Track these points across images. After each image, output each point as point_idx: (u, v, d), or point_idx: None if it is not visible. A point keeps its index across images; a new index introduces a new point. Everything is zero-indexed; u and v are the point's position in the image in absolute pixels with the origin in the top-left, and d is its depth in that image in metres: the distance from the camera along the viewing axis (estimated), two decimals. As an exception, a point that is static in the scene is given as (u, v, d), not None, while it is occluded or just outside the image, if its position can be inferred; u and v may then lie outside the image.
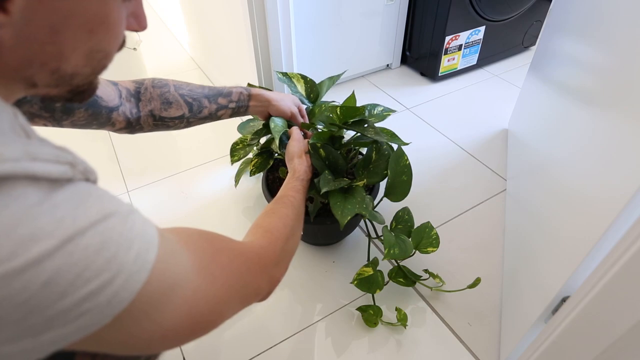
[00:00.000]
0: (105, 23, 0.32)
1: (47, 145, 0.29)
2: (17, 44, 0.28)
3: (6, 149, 0.26)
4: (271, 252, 0.52)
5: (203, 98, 0.78)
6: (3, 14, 0.26)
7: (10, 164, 0.25)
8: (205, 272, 0.38)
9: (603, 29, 0.77)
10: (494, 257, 1.03)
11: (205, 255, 0.40)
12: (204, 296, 0.37)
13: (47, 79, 0.31)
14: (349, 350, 0.85)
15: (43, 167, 0.27)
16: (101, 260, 0.27)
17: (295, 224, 0.62)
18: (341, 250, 1.05)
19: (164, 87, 0.74)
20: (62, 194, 0.28)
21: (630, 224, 0.44)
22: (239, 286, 0.43)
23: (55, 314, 0.26)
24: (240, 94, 0.82)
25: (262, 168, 0.96)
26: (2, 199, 0.25)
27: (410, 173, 0.85)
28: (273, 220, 0.59)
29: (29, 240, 0.25)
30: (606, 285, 0.48)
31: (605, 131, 0.63)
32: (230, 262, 0.43)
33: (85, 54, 0.32)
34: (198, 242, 0.41)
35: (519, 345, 0.72)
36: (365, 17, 1.57)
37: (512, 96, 1.48)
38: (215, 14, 1.48)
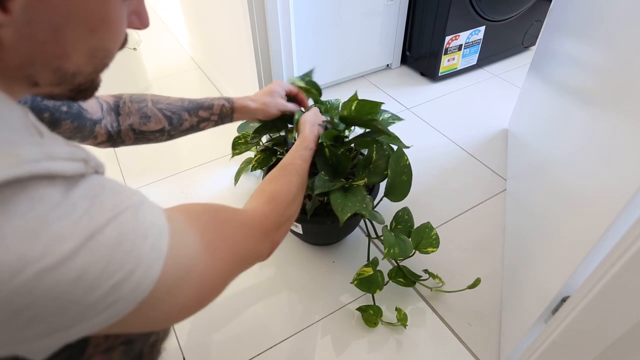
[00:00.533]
0: (106, 21, 0.32)
1: (61, 143, 0.30)
2: (18, 43, 0.28)
3: (24, 150, 0.26)
4: (273, 219, 0.54)
5: (183, 111, 0.77)
6: (4, 13, 0.26)
7: (31, 165, 0.26)
8: (211, 248, 0.40)
9: (603, 29, 0.77)
10: (494, 257, 1.03)
11: (210, 231, 0.41)
12: (211, 271, 0.39)
13: (49, 78, 0.32)
14: (348, 350, 0.85)
15: (61, 165, 0.28)
16: (121, 253, 0.29)
17: (298, 191, 0.64)
18: (341, 250, 1.05)
19: (141, 102, 0.73)
20: (77, 192, 0.28)
21: (630, 224, 0.44)
22: (242, 254, 0.46)
23: (85, 308, 0.27)
24: (222, 106, 0.80)
25: (264, 164, 0.96)
26: (26, 201, 0.25)
27: (410, 173, 0.85)
28: (277, 187, 0.60)
29: (55, 240, 0.26)
30: (606, 285, 0.48)
31: (605, 131, 0.63)
32: (233, 233, 0.44)
33: (87, 53, 0.32)
34: (202, 217, 0.42)
35: (519, 345, 0.72)
36: (365, 17, 1.57)
37: (512, 96, 1.48)
38: (215, 14, 1.48)
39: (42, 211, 0.26)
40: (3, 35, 0.27)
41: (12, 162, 0.25)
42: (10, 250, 0.24)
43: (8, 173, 0.25)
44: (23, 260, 0.25)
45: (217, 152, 1.38)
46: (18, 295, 0.25)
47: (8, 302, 0.24)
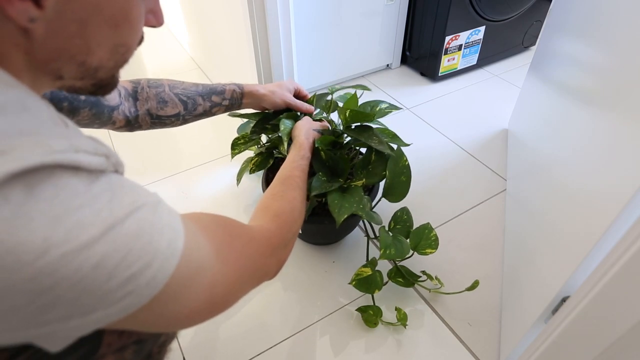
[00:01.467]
0: (128, 18, 0.34)
1: (84, 137, 0.31)
2: (48, 38, 0.30)
3: (54, 141, 0.27)
4: (280, 236, 0.55)
5: (197, 96, 0.80)
6: (38, 9, 0.28)
7: (59, 155, 0.27)
8: (222, 258, 0.40)
9: (603, 29, 0.77)
10: (494, 257, 1.02)
11: (221, 242, 0.42)
12: (222, 279, 0.40)
13: (73, 72, 0.33)
14: (348, 350, 0.85)
15: (85, 158, 0.29)
16: (139, 245, 0.30)
17: (301, 207, 0.64)
18: (341, 250, 1.05)
19: (159, 87, 0.76)
20: (98, 185, 0.29)
21: (630, 224, 0.44)
22: (251, 269, 0.46)
23: (103, 295, 0.28)
24: (233, 91, 0.84)
25: (262, 167, 0.96)
26: (52, 187, 0.26)
27: (410, 174, 0.85)
28: (282, 205, 0.61)
29: (78, 226, 0.27)
30: (606, 285, 0.48)
31: (605, 131, 0.62)
32: (243, 248, 0.45)
33: (110, 48, 0.34)
34: (213, 228, 0.43)
35: (519, 345, 0.72)
36: (365, 17, 1.57)
37: (512, 96, 1.48)
38: (215, 14, 1.48)
39: (65, 198, 0.27)
40: (36, 30, 0.29)
41: (43, 150, 0.26)
42: (36, 232, 0.25)
43: (38, 160, 0.26)
44: (48, 242, 0.25)
45: (217, 152, 1.38)
46: (42, 275, 0.25)
47: (31, 281, 0.25)
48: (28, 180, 0.25)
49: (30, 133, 0.27)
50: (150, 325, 0.34)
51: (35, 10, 0.28)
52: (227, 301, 0.42)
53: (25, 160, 0.25)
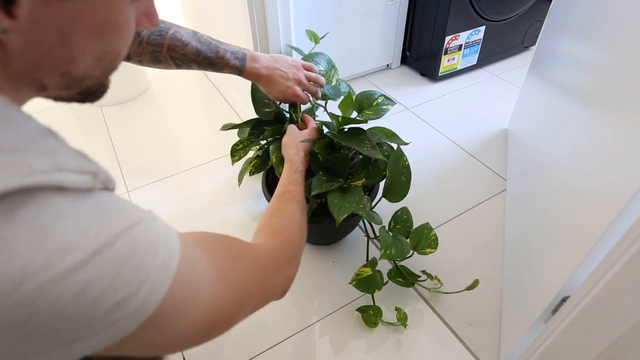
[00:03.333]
0: (114, 24, 0.32)
1: (71, 154, 0.30)
2: (25, 48, 0.28)
3: (36, 159, 0.26)
4: (284, 252, 0.53)
5: (193, 63, 0.77)
6: (10, 19, 0.26)
7: (40, 175, 0.25)
8: (223, 281, 0.38)
9: (603, 29, 0.77)
10: (494, 257, 1.02)
11: (224, 264, 0.40)
12: (221, 304, 0.38)
13: (57, 82, 0.31)
14: (348, 350, 0.85)
15: (69, 177, 0.27)
16: (129, 269, 0.28)
17: (301, 219, 0.63)
18: (341, 250, 1.05)
19: (157, 46, 0.72)
20: (85, 205, 0.28)
21: (630, 224, 0.44)
22: (255, 291, 0.44)
23: (86, 324, 0.26)
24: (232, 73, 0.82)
25: (261, 168, 0.96)
26: (33, 209, 0.25)
27: (410, 174, 0.85)
28: (281, 220, 0.60)
29: (60, 252, 0.25)
30: (606, 285, 0.48)
31: (606, 131, 0.62)
32: (246, 270, 0.43)
33: (96, 56, 0.32)
34: (216, 249, 0.41)
35: (519, 345, 0.72)
36: (365, 17, 1.57)
37: (512, 96, 1.48)
38: (215, 14, 1.48)
39: (48, 221, 0.25)
40: (10, 41, 0.27)
41: (22, 171, 0.25)
42: (14, 260, 0.24)
43: (16, 182, 0.24)
44: (26, 271, 0.24)
45: (217, 152, 1.38)
46: (19, 307, 0.24)
47: (8, 314, 0.24)
48: (7, 203, 0.24)
49: (10, 150, 0.25)
50: (141, 351, 0.32)
51: (7, 21, 0.26)
52: (227, 324, 0.40)
53: (3, 183, 0.24)
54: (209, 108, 1.64)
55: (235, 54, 0.80)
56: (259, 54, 0.83)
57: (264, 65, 0.82)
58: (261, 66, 0.82)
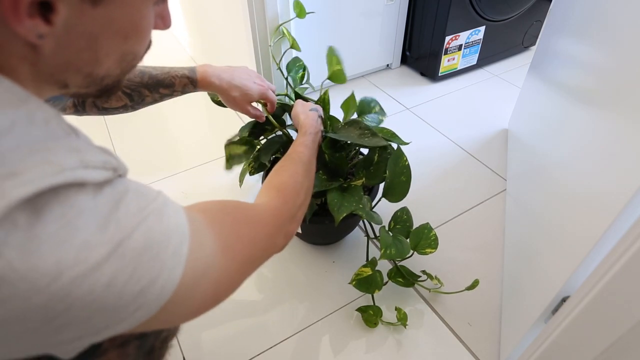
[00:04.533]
0: (137, 29, 0.34)
1: (95, 151, 0.31)
2: (56, 52, 0.30)
3: (64, 157, 0.27)
4: (285, 211, 0.54)
5: (142, 88, 0.73)
6: (47, 25, 0.27)
7: (69, 173, 0.27)
8: (229, 251, 0.40)
9: (603, 29, 0.77)
10: (494, 257, 1.02)
11: (228, 232, 0.42)
12: (228, 273, 0.40)
13: (79, 82, 0.33)
14: (348, 350, 0.85)
15: (92, 174, 0.29)
16: (147, 258, 0.30)
17: (304, 180, 0.63)
18: (341, 250, 1.05)
19: None
20: (104, 197, 0.29)
21: (630, 224, 0.44)
22: (258, 253, 0.46)
23: (115, 313, 0.28)
24: (185, 85, 0.76)
25: (261, 169, 0.96)
26: (59, 207, 0.26)
27: (410, 174, 0.85)
28: (284, 178, 0.60)
29: (86, 247, 0.27)
30: (606, 285, 0.48)
31: (606, 131, 0.62)
32: (249, 232, 0.45)
33: (118, 58, 0.34)
34: (220, 217, 0.42)
35: (519, 345, 0.72)
36: (365, 17, 1.57)
37: (512, 96, 1.48)
38: (215, 14, 1.48)
39: (73, 218, 0.27)
40: (44, 45, 0.29)
41: (53, 169, 0.26)
42: (47, 256, 0.25)
43: (49, 182, 0.25)
44: (59, 266, 0.25)
45: (217, 152, 1.38)
46: (55, 300, 0.25)
47: (45, 307, 0.25)
48: (35, 202, 0.25)
49: (39, 149, 0.27)
50: (157, 327, 0.34)
51: (44, 27, 0.27)
52: (232, 288, 0.42)
53: (36, 184, 0.25)
54: (209, 108, 1.64)
55: (183, 68, 0.76)
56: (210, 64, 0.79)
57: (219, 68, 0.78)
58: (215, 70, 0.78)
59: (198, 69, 0.76)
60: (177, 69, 0.75)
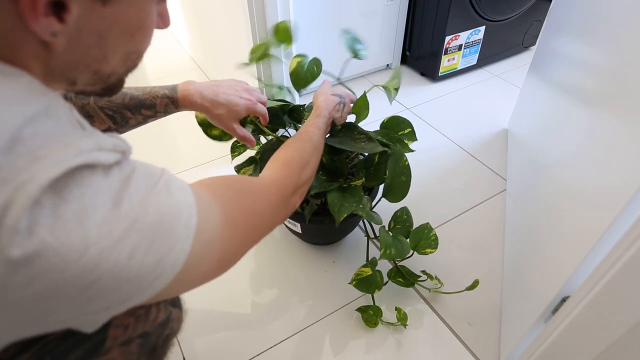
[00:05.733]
0: (143, 27, 0.36)
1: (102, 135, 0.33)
2: (67, 50, 0.31)
3: (81, 142, 0.29)
4: (289, 184, 0.56)
5: (124, 110, 0.70)
6: (60, 23, 0.29)
7: (86, 155, 0.29)
8: (232, 223, 0.42)
9: (603, 29, 0.77)
10: (494, 257, 1.02)
11: (231, 206, 0.43)
12: (231, 243, 0.42)
13: (87, 79, 0.35)
14: (348, 350, 0.85)
15: (106, 156, 0.31)
16: (162, 231, 0.32)
17: (311, 156, 0.64)
18: (341, 250, 1.05)
19: (84, 99, 0.67)
20: (114, 178, 0.31)
21: (631, 224, 0.44)
22: (260, 224, 0.48)
23: (138, 282, 0.31)
24: (166, 106, 0.72)
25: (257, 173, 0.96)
26: (77, 187, 0.28)
27: (409, 174, 0.85)
28: (289, 153, 0.61)
29: (107, 223, 0.29)
30: (606, 285, 0.48)
31: (606, 131, 0.62)
32: (252, 204, 0.47)
33: (123, 56, 0.36)
34: (225, 192, 0.44)
35: (519, 345, 0.72)
36: (365, 17, 1.57)
37: (512, 96, 1.48)
38: (215, 14, 1.48)
39: (91, 197, 0.29)
40: (57, 43, 0.30)
41: (73, 152, 0.28)
42: (73, 233, 0.27)
43: (71, 163, 0.28)
44: (86, 241, 0.28)
45: (217, 152, 1.38)
46: (87, 271, 0.28)
47: (79, 277, 0.28)
48: (56, 184, 0.27)
49: (57, 136, 0.29)
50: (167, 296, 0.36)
51: (58, 25, 0.29)
52: (235, 257, 0.44)
53: (61, 165, 0.27)
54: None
55: (165, 87, 0.73)
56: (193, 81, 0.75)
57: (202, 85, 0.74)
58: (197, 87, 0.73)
59: (180, 86, 0.72)
60: (158, 89, 0.71)
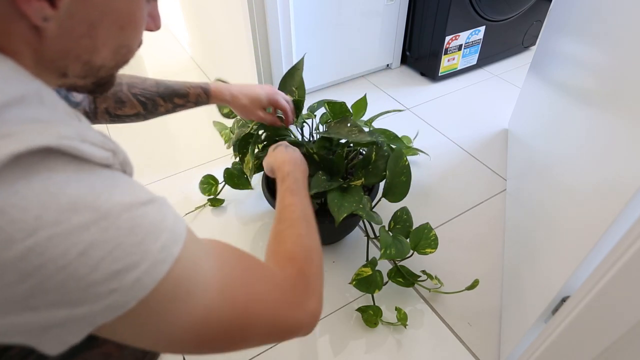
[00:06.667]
0: (133, 20, 0.35)
1: (94, 130, 0.32)
2: (58, 37, 0.31)
3: (64, 128, 0.29)
4: (304, 281, 0.47)
5: (157, 97, 0.76)
6: (52, 8, 0.29)
7: (65, 140, 0.28)
8: (228, 295, 0.36)
9: (603, 29, 0.77)
10: (494, 257, 1.02)
11: (234, 279, 0.38)
12: (218, 317, 0.35)
13: (77, 70, 0.35)
14: (348, 350, 0.85)
15: (90, 149, 0.30)
16: (130, 242, 0.29)
17: (310, 240, 0.55)
18: (341, 250, 1.05)
19: (116, 86, 0.72)
20: (100, 176, 0.30)
21: (631, 224, 0.44)
22: (268, 318, 0.40)
23: (88, 286, 0.28)
24: (198, 96, 0.79)
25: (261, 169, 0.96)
26: (46, 169, 0.27)
27: (409, 174, 0.85)
28: (287, 247, 0.52)
29: (71, 209, 0.27)
30: (606, 285, 0.48)
31: (605, 131, 0.62)
32: (261, 293, 0.40)
33: (113, 48, 0.35)
34: (232, 263, 0.39)
35: (519, 345, 0.72)
36: (365, 17, 1.57)
37: (512, 96, 1.48)
38: (215, 14, 1.48)
39: (61, 180, 0.27)
40: (47, 29, 0.30)
41: (51, 134, 0.27)
42: (28, 211, 0.26)
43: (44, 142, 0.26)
44: (38, 222, 0.26)
45: (217, 152, 1.38)
46: (31, 254, 0.26)
47: (21, 260, 0.26)
48: (25, 161, 0.26)
49: (42, 121, 0.28)
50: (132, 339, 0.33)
51: (50, 10, 0.29)
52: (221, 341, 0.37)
53: (28, 142, 0.26)
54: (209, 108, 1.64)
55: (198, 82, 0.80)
56: None
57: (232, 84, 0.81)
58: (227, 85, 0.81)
59: (211, 83, 0.80)
60: (192, 82, 0.79)
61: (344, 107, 0.91)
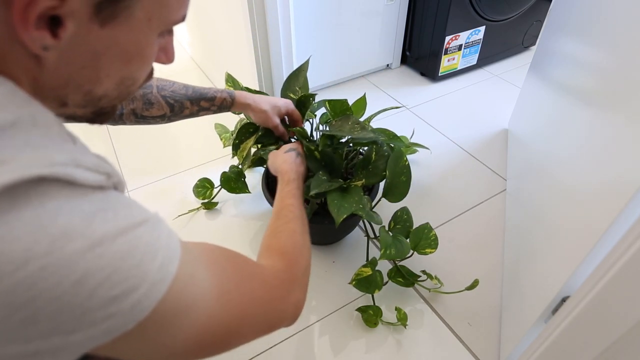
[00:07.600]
0: (141, 55, 0.34)
1: (89, 154, 0.31)
2: (58, 66, 0.30)
3: (57, 154, 0.28)
4: (291, 275, 0.51)
5: (185, 100, 0.79)
6: (53, 38, 0.28)
7: (58, 167, 0.27)
8: (225, 299, 0.37)
9: (603, 29, 0.77)
10: (494, 257, 1.02)
11: (228, 281, 0.39)
12: (219, 322, 0.37)
13: (78, 100, 0.34)
14: (348, 350, 0.85)
15: (83, 174, 0.28)
16: (127, 266, 0.28)
17: (303, 238, 0.59)
18: (341, 250, 1.05)
19: (146, 87, 0.74)
20: (93, 199, 0.29)
21: (631, 224, 0.44)
22: (259, 314, 0.42)
23: (83, 314, 0.27)
24: (224, 100, 0.83)
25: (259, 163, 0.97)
26: (37, 198, 0.26)
27: (410, 174, 0.85)
28: (281, 241, 0.56)
29: (63, 237, 0.26)
30: (606, 285, 0.48)
31: (606, 131, 0.62)
32: (252, 291, 0.42)
33: (117, 80, 0.34)
34: (223, 265, 0.40)
35: (519, 345, 0.72)
36: (365, 17, 1.57)
37: (512, 96, 1.48)
38: (215, 14, 1.48)
39: (53, 208, 0.26)
40: (47, 57, 0.29)
41: (43, 162, 0.26)
42: (17, 242, 0.24)
43: (36, 171, 0.26)
44: (28, 254, 0.25)
45: (217, 152, 1.38)
46: (20, 288, 0.24)
47: (10, 294, 0.24)
48: (15, 190, 0.25)
49: (35, 146, 0.27)
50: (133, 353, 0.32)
51: (51, 40, 0.28)
52: (221, 344, 0.38)
53: (21, 171, 0.25)
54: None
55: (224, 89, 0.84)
56: None
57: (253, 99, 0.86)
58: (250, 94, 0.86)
59: (236, 91, 0.85)
60: (219, 88, 0.83)
61: (345, 105, 0.91)
